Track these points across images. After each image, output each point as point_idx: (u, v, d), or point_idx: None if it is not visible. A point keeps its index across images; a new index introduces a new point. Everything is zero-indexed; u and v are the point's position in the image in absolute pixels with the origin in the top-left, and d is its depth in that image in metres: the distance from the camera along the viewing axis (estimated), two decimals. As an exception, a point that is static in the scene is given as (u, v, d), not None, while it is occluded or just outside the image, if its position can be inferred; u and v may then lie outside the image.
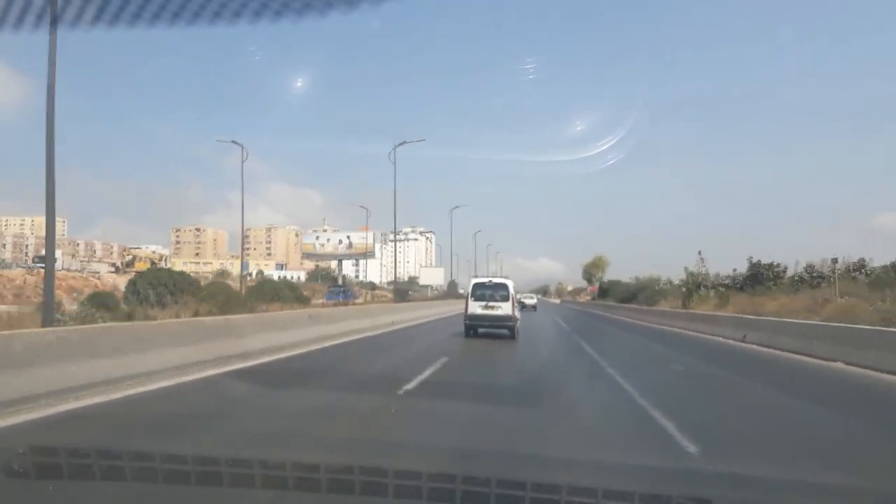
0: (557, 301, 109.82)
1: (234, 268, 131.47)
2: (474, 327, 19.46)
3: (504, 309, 18.91)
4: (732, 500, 4.17)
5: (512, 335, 18.89)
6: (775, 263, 32.70)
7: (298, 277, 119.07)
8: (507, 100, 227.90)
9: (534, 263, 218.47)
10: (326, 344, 15.56)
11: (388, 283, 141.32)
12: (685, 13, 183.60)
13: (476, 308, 19.19)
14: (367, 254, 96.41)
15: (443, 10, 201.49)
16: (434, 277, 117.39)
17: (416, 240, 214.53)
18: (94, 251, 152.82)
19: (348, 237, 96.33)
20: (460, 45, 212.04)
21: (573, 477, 4.58)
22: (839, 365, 12.77)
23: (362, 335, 19.07)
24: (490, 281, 20.49)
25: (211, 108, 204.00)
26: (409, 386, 8.97)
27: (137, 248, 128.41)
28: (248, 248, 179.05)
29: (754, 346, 17.56)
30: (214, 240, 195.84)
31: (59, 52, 10.18)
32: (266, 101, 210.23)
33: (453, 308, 44.02)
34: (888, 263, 26.91)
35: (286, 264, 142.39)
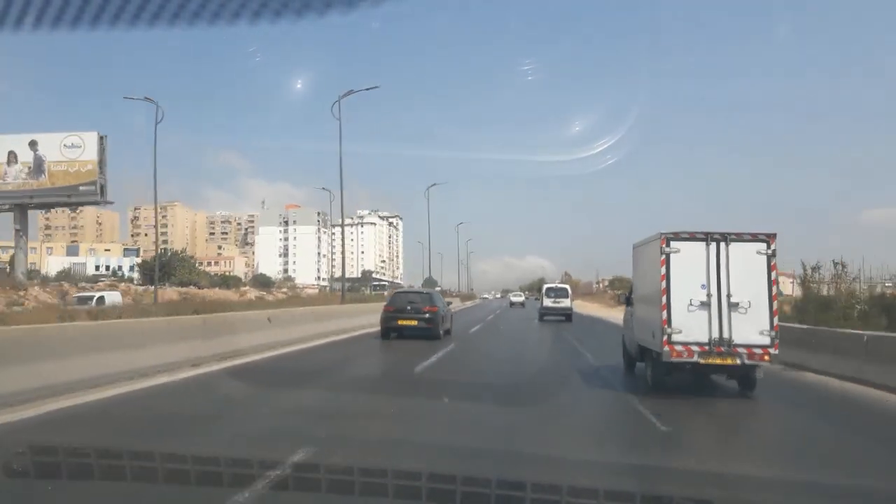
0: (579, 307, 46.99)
1: (57, 252, 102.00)
2: (546, 313, 30.84)
3: (565, 303, 31.37)
4: (732, 500, 4.17)
5: (570, 320, 29.72)
6: None
7: (120, 267, 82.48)
8: (505, 100, 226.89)
9: (522, 262, 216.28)
10: None
11: (332, 280, 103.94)
12: (684, 13, 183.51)
13: (548, 302, 31.34)
14: (86, 192, 41.40)
15: (441, 10, 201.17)
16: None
17: (373, 224, 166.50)
18: None
19: (34, 146, 40.97)
20: (459, 45, 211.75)
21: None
22: None
23: None
24: (556, 285, 36.17)
25: (205, 105, 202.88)
26: None
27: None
28: (137, 232, 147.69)
29: None
30: (99, 223, 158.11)
31: (56, 52, 9.88)
32: (261, 100, 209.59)
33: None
34: None
35: (139, 249, 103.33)
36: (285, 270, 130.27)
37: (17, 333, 8.25)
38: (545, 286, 34.56)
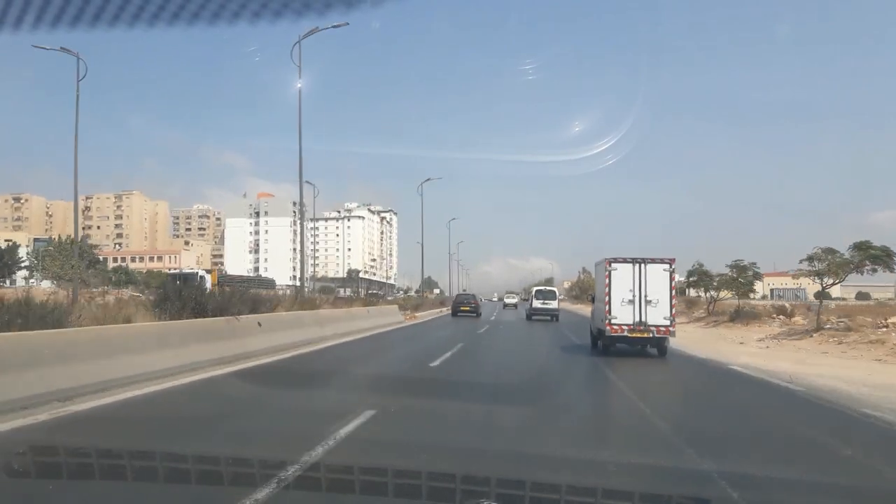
0: None
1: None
2: (533, 314, 33.14)
3: (552, 304, 33.77)
4: (732, 500, 4.17)
5: (557, 320, 31.67)
6: None
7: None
8: (506, 101, 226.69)
9: (526, 263, 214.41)
10: None
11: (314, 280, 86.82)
12: (684, 14, 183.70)
13: (537, 303, 33.53)
14: None
15: (442, 10, 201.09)
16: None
17: (361, 218, 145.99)
18: None
19: None
20: (459, 45, 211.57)
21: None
22: None
23: None
24: (545, 288, 38.48)
25: (201, 105, 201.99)
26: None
27: None
28: (89, 224, 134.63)
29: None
30: (49, 214, 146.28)
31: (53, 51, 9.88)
32: (260, 100, 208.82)
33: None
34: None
35: (50, 238, 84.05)
36: (256, 268, 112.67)
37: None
38: (535, 288, 38.18)
